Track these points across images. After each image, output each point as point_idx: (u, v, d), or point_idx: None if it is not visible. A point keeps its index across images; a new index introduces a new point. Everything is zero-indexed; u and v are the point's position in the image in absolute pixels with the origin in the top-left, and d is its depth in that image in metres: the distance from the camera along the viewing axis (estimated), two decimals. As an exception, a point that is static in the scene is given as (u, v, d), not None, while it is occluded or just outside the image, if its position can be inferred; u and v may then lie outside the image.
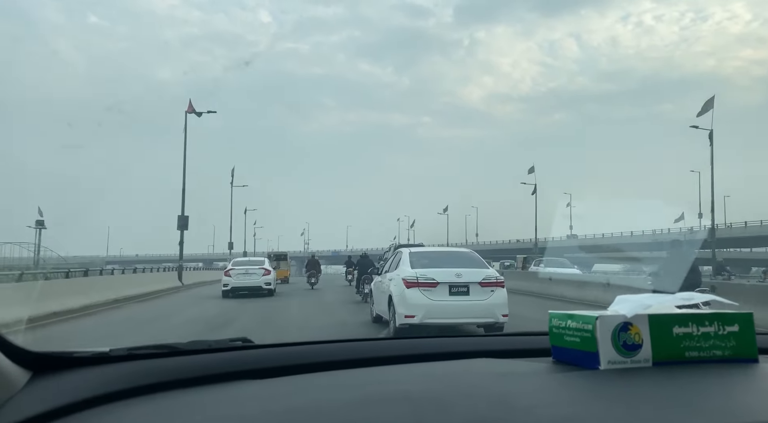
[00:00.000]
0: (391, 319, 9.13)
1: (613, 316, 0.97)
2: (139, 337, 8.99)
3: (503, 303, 8.82)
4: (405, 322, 8.60)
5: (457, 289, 8.74)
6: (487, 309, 8.67)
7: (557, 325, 1.04)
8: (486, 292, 8.78)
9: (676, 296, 1.03)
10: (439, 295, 8.67)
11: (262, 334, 9.82)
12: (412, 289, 8.72)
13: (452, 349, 1.13)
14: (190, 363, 1.02)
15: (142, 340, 2.62)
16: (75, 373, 0.94)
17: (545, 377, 0.97)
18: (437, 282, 8.71)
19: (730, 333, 0.99)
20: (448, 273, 8.82)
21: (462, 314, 8.70)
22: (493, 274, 9.09)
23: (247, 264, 20.50)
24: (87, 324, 11.68)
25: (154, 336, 9.28)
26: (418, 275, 8.81)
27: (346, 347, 1.15)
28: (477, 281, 8.78)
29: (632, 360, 0.95)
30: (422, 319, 8.52)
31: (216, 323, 11.48)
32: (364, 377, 0.99)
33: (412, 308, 8.64)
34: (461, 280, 8.77)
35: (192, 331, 9.82)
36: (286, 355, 1.09)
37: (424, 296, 8.66)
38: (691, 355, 0.97)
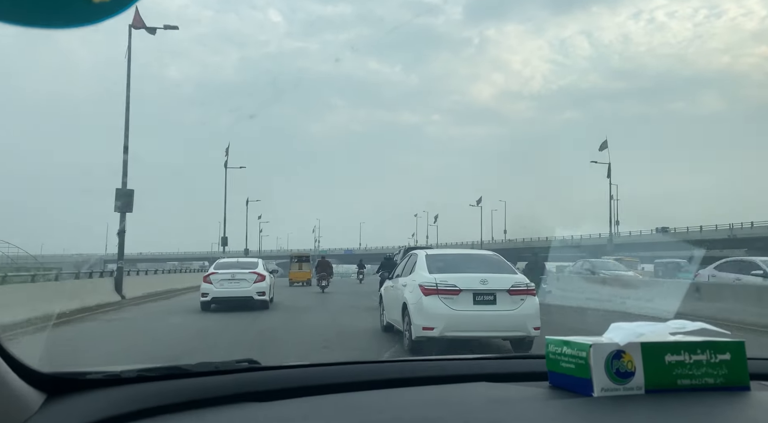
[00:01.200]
0: (405, 330, 8.15)
1: (606, 344, 1.00)
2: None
3: (535, 314, 7.70)
4: (423, 335, 7.58)
5: (482, 297, 7.62)
6: (517, 321, 7.56)
7: (554, 350, 1.07)
8: (515, 302, 7.67)
9: (668, 324, 1.06)
10: (462, 305, 7.56)
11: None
12: (430, 296, 7.60)
13: (450, 373, 1.16)
14: (198, 385, 1.06)
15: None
16: (88, 395, 0.98)
17: (542, 403, 1.00)
18: (459, 289, 7.60)
19: (722, 361, 1.02)
20: (471, 279, 7.74)
21: (488, 327, 7.60)
22: (523, 281, 7.95)
23: (235, 267, 15.45)
24: None
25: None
26: (437, 281, 7.68)
27: (348, 370, 1.18)
28: (505, 289, 7.66)
29: (625, 387, 0.98)
30: (442, 331, 7.46)
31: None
32: (366, 401, 1.02)
33: (431, 319, 7.54)
34: (487, 287, 7.66)
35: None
36: (288, 377, 1.12)
37: (444, 305, 7.55)
38: (684, 383, 1.00)
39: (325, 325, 11.60)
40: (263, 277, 15.10)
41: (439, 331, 7.48)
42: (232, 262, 16.59)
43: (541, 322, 7.83)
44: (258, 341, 9.52)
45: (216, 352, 8.02)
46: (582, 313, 12.92)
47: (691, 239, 45.22)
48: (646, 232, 54.77)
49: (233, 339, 9.73)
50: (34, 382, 0.94)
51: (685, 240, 44.39)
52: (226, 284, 14.75)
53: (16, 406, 0.88)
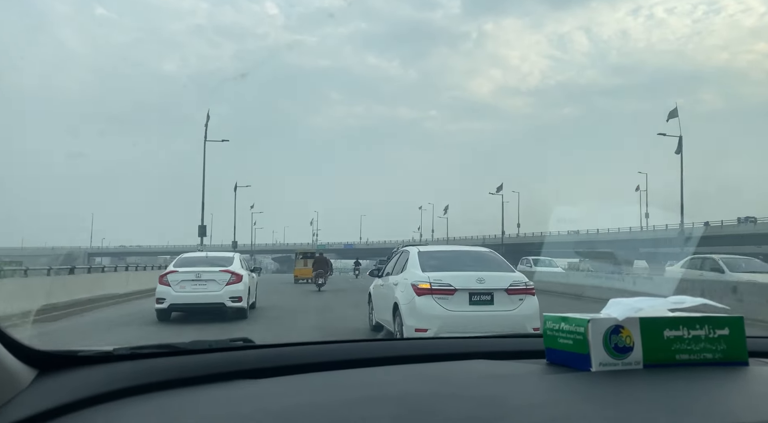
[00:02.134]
0: (396, 331, 7.73)
1: (605, 319, 0.99)
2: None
3: (534, 314, 7.26)
4: (415, 337, 6.93)
5: (479, 297, 7.28)
6: (516, 321, 7.11)
7: (551, 327, 1.06)
8: (514, 301, 7.35)
9: (667, 300, 1.05)
10: (458, 305, 7.22)
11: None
12: (424, 296, 7.25)
13: (448, 351, 1.15)
14: (191, 362, 1.04)
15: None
16: (80, 371, 0.97)
17: (538, 378, 0.99)
18: (455, 288, 7.25)
19: (720, 336, 1.01)
20: (467, 277, 7.40)
21: (485, 328, 6.90)
22: (522, 279, 7.62)
23: (202, 263, 12.04)
24: None
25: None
26: (431, 280, 7.33)
27: (343, 348, 1.17)
28: (503, 288, 7.34)
29: (623, 362, 0.97)
30: (437, 333, 7.01)
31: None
32: (360, 378, 1.01)
33: (425, 320, 7.16)
34: (484, 286, 7.32)
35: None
36: (284, 355, 1.11)
37: (439, 306, 7.20)
38: (682, 357, 0.99)
39: (315, 335, 10.02)
40: (239, 277, 11.60)
41: (432, 332, 7.10)
42: (200, 257, 12.87)
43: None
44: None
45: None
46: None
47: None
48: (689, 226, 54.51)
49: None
50: (25, 358, 0.93)
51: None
52: (190, 286, 11.25)
53: (7, 380, 0.86)
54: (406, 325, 7.43)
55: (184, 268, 11.69)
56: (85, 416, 0.84)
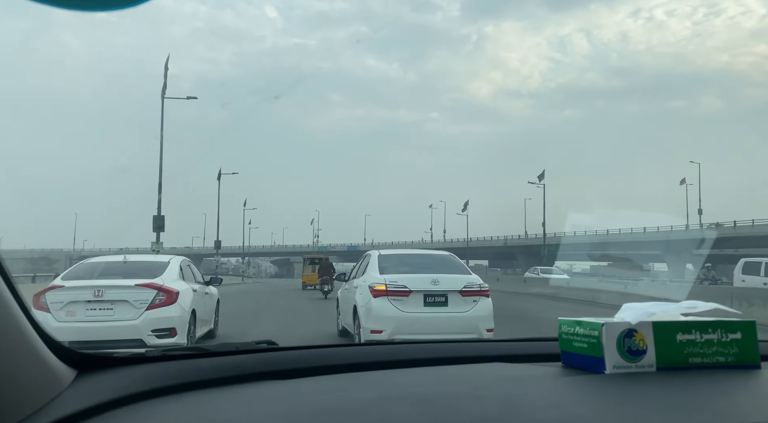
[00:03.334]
0: (356, 334, 7.86)
1: (618, 323, 1.02)
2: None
3: (488, 315, 7.55)
4: (371, 339, 7.22)
5: (433, 298, 7.48)
6: (469, 322, 7.39)
7: (566, 331, 1.09)
8: (468, 303, 7.55)
9: (680, 304, 1.08)
10: (412, 306, 7.41)
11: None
12: (379, 298, 7.39)
13: (465, 354, 1.19)
14: (219, 364, 1.09)
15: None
16: (116, 371, 1.02)
17: (554, 380, 1.02)
18: (410, 290, 7.43)
19: (732, 340, 1.04)
20: (422, 280, 7.58)
21: (439, 329, 7.26)
22: (476, 281, 7.80)
23: (110, 273, 7.70)
24: None
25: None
26: (387, 282, 7.49)
27: (366, 350, 1.21)
28: (457, 289, 7.54)
29: (637, 365, 1.00)
30: (391, 334, 7.21)
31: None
32: (383, 379, 1.05)
33: (380, 322, 7.32)
34: (438, 288, 7.52)
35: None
36: (309, 357, 1.15)
37: (393, 307, 7.35)
38: (695, 361, 1.02)
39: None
40: (171, 295, 7.31)
41: (387, 334, 7.25)
42: (110, 264, 8.13)
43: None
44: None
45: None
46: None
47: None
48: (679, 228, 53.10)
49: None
50: (66, 359, 0.98)
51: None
52: (83, 312, 7.01)
53: (52, 380, 0.92)
54: (363, 328, 7.52)
55: (77, 282, 7.28)
56: (123, 414, 0.89)
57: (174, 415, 0.90)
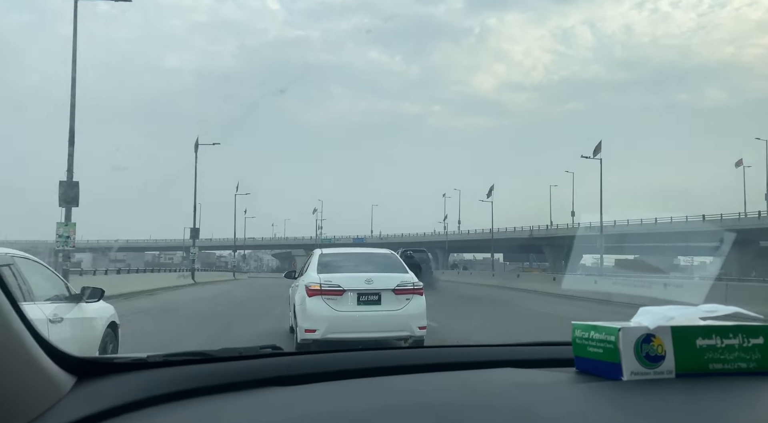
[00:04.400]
0: (295, 333, 7.96)
1: (635, 328, 0.98)
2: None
3: (420, 313, 7.68)
4: (306, 338, 7.42)
5: (366, 297, 7.57)
6: (402, 320, 7.56)
7: (580, 335, 1.05)
8: (401, 301, 7.65)
9: (699, 308, 1.04)
10: (346, 305, 7.51)
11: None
12: (314, 298, 7.51)
13: (476, 359, 1.16)
14: (222, 369, 1.06)
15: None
16: (116, 378, 1.00)
17: (568, 388, 0.98)
18: (344, 289, 7.53)
19: (754, 345, 1.00)
20: (356, 279, 7.67)
21: (372, 327, 7.47)
22: (410, 280, 7.87)
23: None
24: None
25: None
26: (321, 281, 7.60)
27: (373, 356, 1.18)
28: (390, 288, 7.62)
29: (655, 371, 0.96)
30: (325, 333, 7.35)
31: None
32: (390, 385, 1.02)
33: (314, 321, 7.44)
34: (372, 286, 7.61)
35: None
36: (314, 362, 1.12)
37: (327, 307, 7.45)
38: (715, 367, 0.98)
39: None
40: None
41: (321, 333, 7.35)
42: None
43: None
44: None
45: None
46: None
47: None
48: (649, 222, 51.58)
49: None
50: (65, 365, 0.96)
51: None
52: None
53: (50, 387, 0.89)
54: (299, 327, 7.62)
55: None
56: (123, 422, 0.86)
57: (176, 422, 0.88)
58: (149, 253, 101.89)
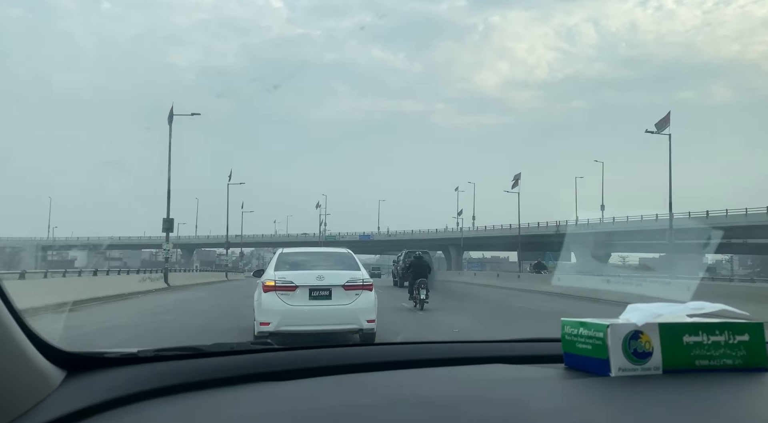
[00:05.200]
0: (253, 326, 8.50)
1: (624, 325, 0.99)
2: None
3: (369, 308, 8.21)
4: (261, 330, 7.92)
5: (318, 292, 8.16)
6: (351, 314, 8.12)
7: (569, 332, 1.07)
8: (350, 296, 8.21)
9: (686, 305, 1.05)
10: (298, 300, 8.07)
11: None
12: (269, 293, 8.10)
13: (467, 355, 1.16)
14: (214, 364, 1.06)
15: None
16: (106, 372, 0.99)
17: (557, 383, 0.99)
18: (296, 285, 8.11)
19: (740, 342, 1.01)
20: (309, 275, 8.27)
21: (323, 320, 8.05)
22: (360, 277, 8.41)
23: None
24: None
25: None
26: (276, 279, 8.20)
27: (365, 351, 1.18)
28: (340, 284, 8.22)
29: (643, 367, 0.98)
30: (278, 326, 7.87)
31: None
32: (382, 380, 1.03)
33: (268, 314, 8.01)
34: (323, 282, 8.19)
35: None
36: (307, 358, 1.13)
37: (281, 301, 8.02)
38: (702, 363, 0.99)
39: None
40: None
41: (274, 325, 7.85)
42: None
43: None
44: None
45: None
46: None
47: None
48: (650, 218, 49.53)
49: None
50: (55, 359, 0.96)
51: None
52: None
53: (39, 381, 0.89)
54: (255, 320, 8.20)
55: None
56: (114, 417, 0.86)
57: (167, 417, 0.88)
58: (146, 250, 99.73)
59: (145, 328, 11.00)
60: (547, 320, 11.28)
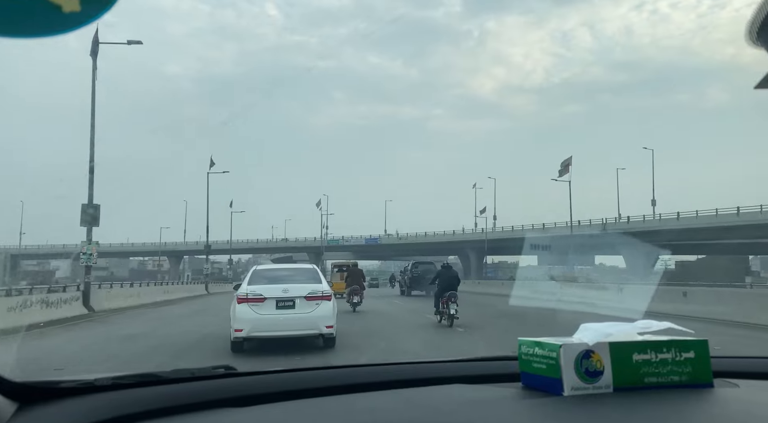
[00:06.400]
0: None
1: (576, 344, 1.02)
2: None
3: (327, 315, 9.51)
4: (236, 336, 9.24)
5: (283, 303, 9.47)
6: (311, 321, 9.41)
7: (526, 351, 1.09)
8: (311, 305, 9.51)
9: (635, 324, 1.09)
10: (267, 310, 9.39)
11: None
12: (242, 304, 9.43)
13: (425, 376, 1.18)
14: (174, 391, 1.05)
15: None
16: (61, 403, 0.97)
17: (513, 403, 1.02)
18: (264, 297, 9.45)
19: (686, 359, 1.05)
20: (276, 289, 9.62)
21: (287, 327, 9.38)
22: (320, 289, 9.78)
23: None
24: None
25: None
26: (248, 291, 9.54)
27: (326, 374, 1.19)
28: (303, 295, 9.55)
29: (594, 386, 1.01)
30: (249, 332, 9.21)
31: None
32: (341, 405, 1.03)
33: (241, 323, 9.28)
34: (288, 294, 9.52)
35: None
36: (267, 382, 1.13)
37: (252, 311, 9.34)
38: (650, 380, 1.03)
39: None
40: None
41: (246, 332, 9.20)
42: None
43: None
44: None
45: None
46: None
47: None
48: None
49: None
50: (4, 391, 0.93)
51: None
52: None
53: None
54: (231, 328, 9.42)
55: None
56: None
57: None
58: (134, 259, 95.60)
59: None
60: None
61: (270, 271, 10.85)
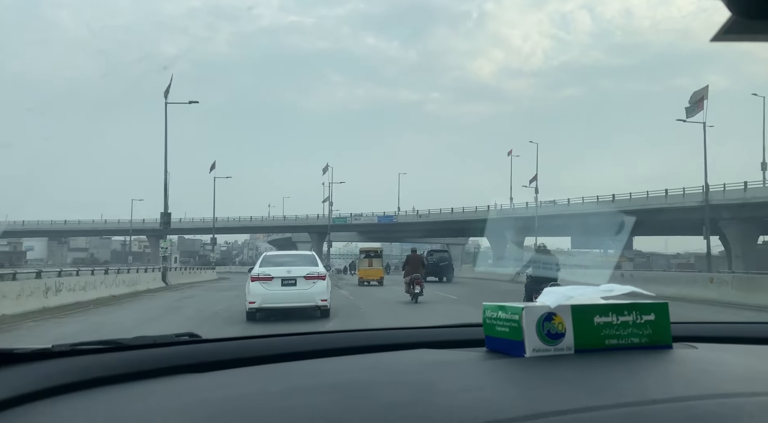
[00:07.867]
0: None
1: (538, 307, 1.03)
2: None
3: (322, 291, 12.31)
4: (250, 307, 11.99)
5: (287, 281, 12.24)
6: (309, 295, 12.21)
7: (490, 316, 1.10)
8: (309, 284, 12.29)
9: (598, 288, 1.10)
10: (274, 286, 12.15)
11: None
12: (255, 282, 12.19)
13: (392, 341, 1.18)
14: (134, 357, 1.04)
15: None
16: (17, 368, 0.96)
17: (475, 365, 1.02)
18: (272, 276, 12.20)
19: (647, 322, 1.07)
20: (281, 270, 12.40)
21: (290, 300, 12.14)
22: (317, 270, 12.56)
23: None
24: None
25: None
26: (259, 272, 12.30)
27: (289, 341, 1.19)
28: (302, 275, 12.31)
29: (555, 348, 1.02)
30: (260, 304, 11.99)
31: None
32: (303, 368, 1.03)
33: (254, 296, 12.01)
34: (291, 274, 12.29)
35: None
36: (229, 349, 1.12)
37: (262, 287, 12.13)
38: (611, 342, 1.04)
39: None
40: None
41: (258, 304, 11.99)
42: None
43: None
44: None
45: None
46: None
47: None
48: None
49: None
50: None
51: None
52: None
53: None
54: (246, 300, 12.20)
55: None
56: (21, 413, 0.83)
57: (79, 411, 0.86)
58: (116, 239, 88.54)
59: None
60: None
61: (277, 257, 13.91)
